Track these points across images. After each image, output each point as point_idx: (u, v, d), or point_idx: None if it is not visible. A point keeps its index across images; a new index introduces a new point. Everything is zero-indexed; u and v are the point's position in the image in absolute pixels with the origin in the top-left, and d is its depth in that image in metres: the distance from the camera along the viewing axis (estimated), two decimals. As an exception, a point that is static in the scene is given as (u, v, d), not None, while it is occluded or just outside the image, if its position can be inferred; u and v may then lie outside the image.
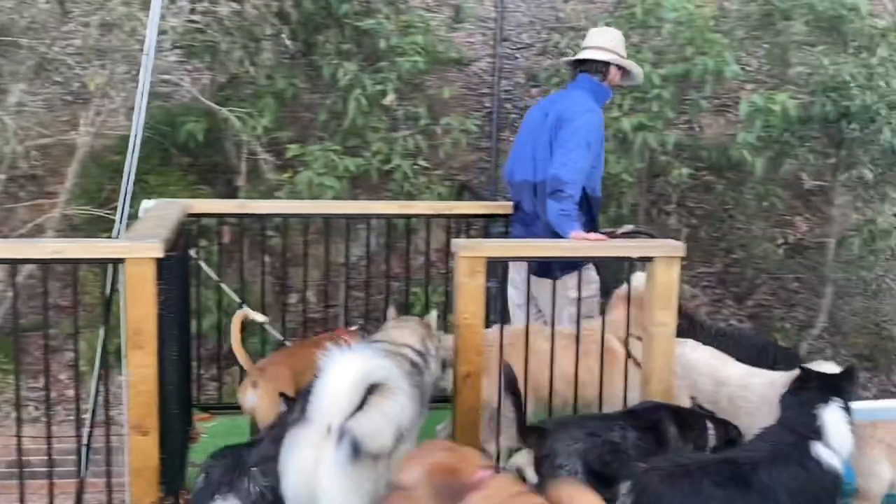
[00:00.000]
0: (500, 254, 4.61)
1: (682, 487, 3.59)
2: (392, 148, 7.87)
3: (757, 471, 3.66)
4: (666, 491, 3.57)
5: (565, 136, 5.18)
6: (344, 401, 3.38)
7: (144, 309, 4.24)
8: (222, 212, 5.93)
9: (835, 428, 3.86)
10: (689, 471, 3.68)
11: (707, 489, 3.59)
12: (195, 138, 7.88)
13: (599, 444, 4.03)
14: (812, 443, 3.82)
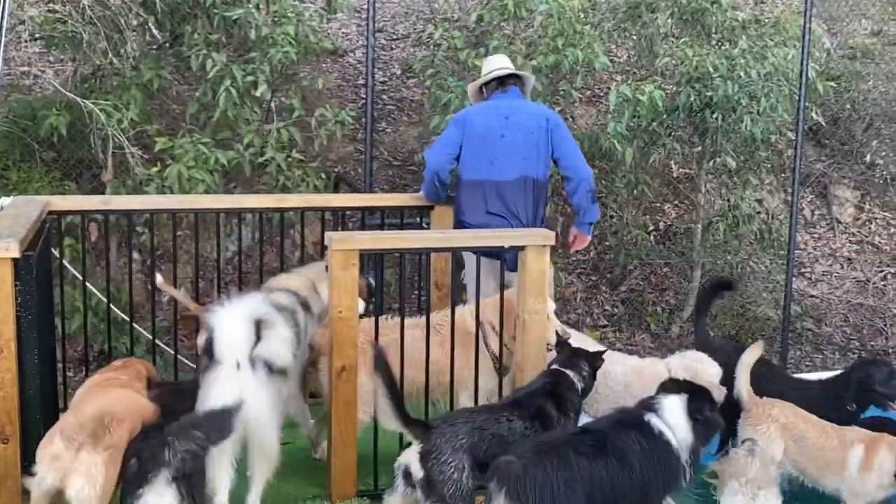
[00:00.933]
0: (373, 246, 4.59)
1: (550, 463, 3.68)
2: (265, 140, 7.73)
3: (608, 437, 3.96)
4: (533, 471, 3.64)
5: (568, 137, 5.91)
6: (242, 338, 4.16)
7: (1, 311, 4.07)
8: (86, 208, 5.70)
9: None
10: (554, 446, 3.80)
11: (573, 459, 3.79)
12: (58, 132, 7.54)
13: (487, 437, 4.09)
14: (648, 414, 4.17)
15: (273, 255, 7.71)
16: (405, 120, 10.56)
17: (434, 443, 4.02)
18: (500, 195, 5.51)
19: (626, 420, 4.13)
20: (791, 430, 4.72)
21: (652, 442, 4.04)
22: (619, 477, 3.87)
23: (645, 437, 4.03)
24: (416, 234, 5.00)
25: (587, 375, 4.39)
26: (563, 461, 3.74)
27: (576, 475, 3.72)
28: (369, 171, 7.15)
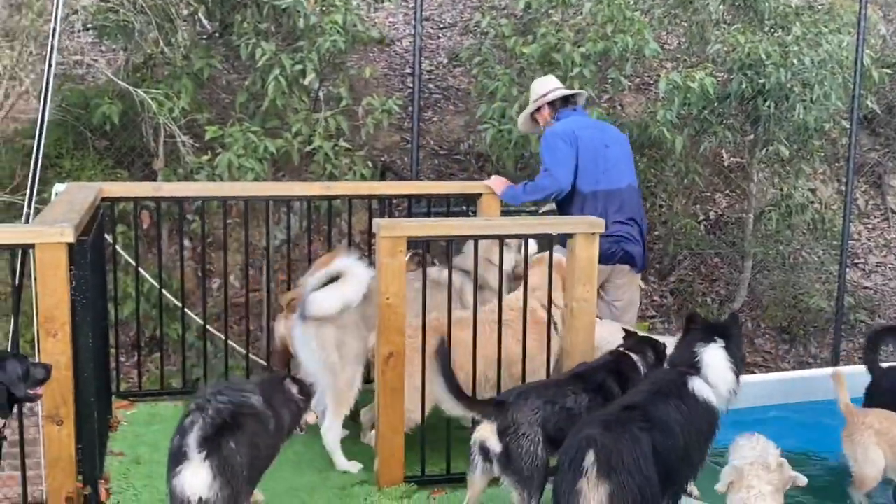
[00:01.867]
0: (421, 233, 4.59)
1: (627, 438, 3.68)
2: (313, 129, 7.76)
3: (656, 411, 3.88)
4: (619, 447, 3.64)
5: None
6: (311, 283, 4.84)
7: (56, 296, 4.12)
8: (138, 195, 5.77)
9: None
10: (620, 422, 3.78)
11: (638, 435, 3.74)
12: (111, 121, 7.65)
13: (557, 411, 4.11)
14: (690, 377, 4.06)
15: (321, 244, 7.76)
16: (451, 109, 10.55)
17: (511, 417, 4.03)
18: (619, 202, 5.74)
19: (670, 388, 4.06)
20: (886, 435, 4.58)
21: (696, 406, 4.01)
22: (672, 444, 3.86)
23: (687, 404, 4.00)
24: (463, 221, 4.99)
25: (651, 361, 4.39)
26: (634, 434, 3.73)
27: (645, 446, 3.73)
28: (416, 160, 7.16)
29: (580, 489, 3.51)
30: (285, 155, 7.64)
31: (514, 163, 8.51)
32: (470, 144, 9.85)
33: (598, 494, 3.52)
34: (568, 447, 3.71)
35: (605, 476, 3.53)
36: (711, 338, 4.16)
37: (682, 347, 4.24)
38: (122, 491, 4.63)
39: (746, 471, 3.55)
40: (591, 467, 3.53)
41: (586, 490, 3.51)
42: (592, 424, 3.74)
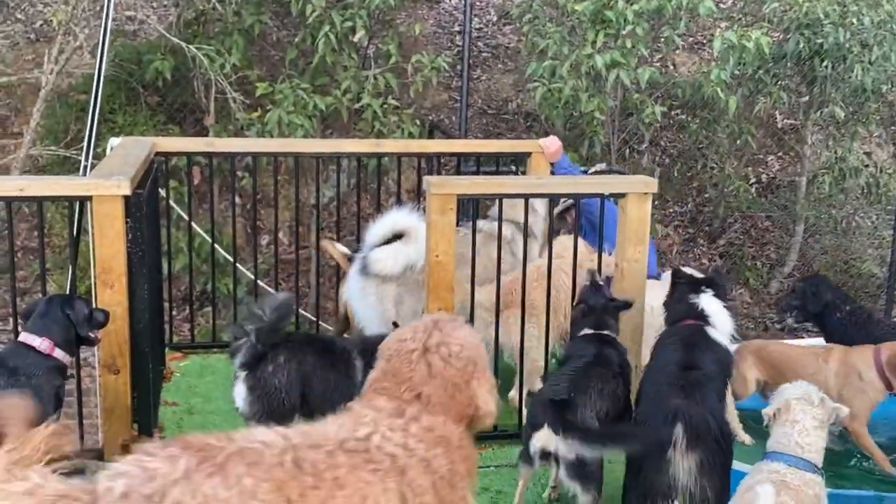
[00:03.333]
0: (471, 191, 4.58)
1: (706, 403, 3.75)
2: (362, 86, 7.77)
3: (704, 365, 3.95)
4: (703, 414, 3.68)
5: None
6: (371, 239, 4.92)
7: (113, 247, 4.19)
8: (190, 150, 5.82)
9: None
10: (694, 386, 3.81)
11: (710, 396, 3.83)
12: (163, 77, 7.72)
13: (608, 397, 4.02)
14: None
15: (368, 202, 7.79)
16: (500, 67, 10.46)
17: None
18: None
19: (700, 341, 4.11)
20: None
21: (722, 353, 4.12)
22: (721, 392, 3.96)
23: (716, 353, 4.08)
24: (513, 180, 4.97)
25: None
26: (708, 397, 3.79)
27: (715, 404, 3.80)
28: (464, 119, 7.12)
29: (670, 459, 3.55)
30: (334, 112, 7.66)
31: (563, 123, 8.43)
32: (518, 104, 9.79)
33: (688, 462, 3.57)
34: (652, 417, 3.73)
35: (694, 445, 3.58)
36: (701, 289, 4.26)
37: (677, 301, 4.29)
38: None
39: (793, 405, 3.57)
40: (682, 438, 3.57)
41: (677, 459, 3.56)
42: (673, 393, 3.75)
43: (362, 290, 4.94)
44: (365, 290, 4.92)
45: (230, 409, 5.06)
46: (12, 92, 8.94)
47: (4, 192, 4.19)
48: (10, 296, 4.51)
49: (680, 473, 3.57)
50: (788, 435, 3.52)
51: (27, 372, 3.60)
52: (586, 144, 8.20)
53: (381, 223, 4.96)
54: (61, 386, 3.74)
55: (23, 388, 3.53)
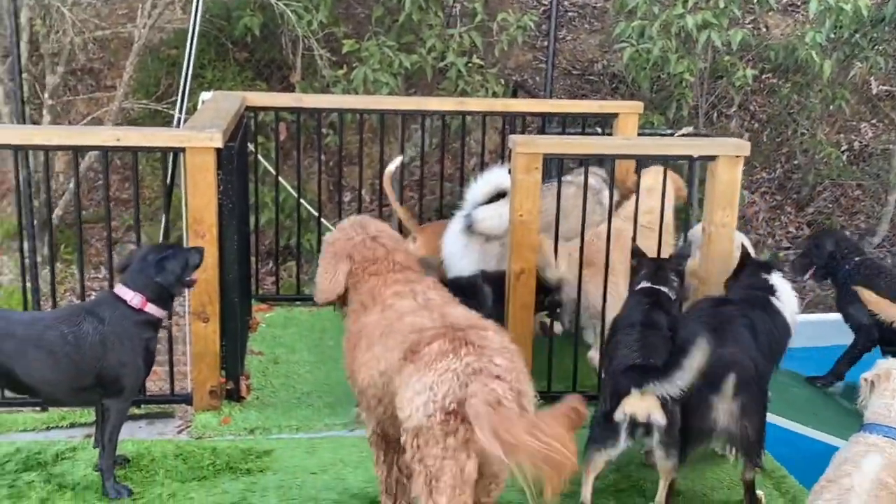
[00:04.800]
0: (557, 150, 4.54)
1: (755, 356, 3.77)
2: (447, 45, 7.74)
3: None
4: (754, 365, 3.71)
5: None
6: (475, 197, 4.88)
7: (204, 198, 4.28)
8: (279, 105, 5.90)
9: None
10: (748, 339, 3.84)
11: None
12: (251, 33, 7.81)
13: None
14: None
15: (450, 161, 7.79)
16: (586, 28, 10.31)
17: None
18: None
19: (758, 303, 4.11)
20: None
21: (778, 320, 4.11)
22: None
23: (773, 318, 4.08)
24: (600, 140, 4.91)
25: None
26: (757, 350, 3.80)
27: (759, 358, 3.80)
28: (550, 78, 7.04)
29: (713, 404, 3.59)
30: (419, 71, 7.66)
31: (650, 85, 8.30)
32: (604, 65, 9.64)
33: (732, 406, 3.60)
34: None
35: (739, 392, 3.61)
36: (771, 270, 4.28)
37: (746, 276, 4.28)
38: (261, 388, 4.85)
39: (894, 374, 3.47)
40: (730, 387, 3.59)
41: (719, 404, 3.60)
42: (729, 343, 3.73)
43: (465, 248, 4.91)
44: (468, 248, 4.90)
45: (314, 360, 5.21)
46: (105, 46, 9.16)
47: (102, 141, 4.32)
48: (107, 245, 4.66)
49: (721, 416, 3.61)
50: (889, 406, 3.42)
51: (115, 323, 3.68)
52: (673, 107, 8.06)
53: (484, 181, 4.90)
54: (152, 338, 3.81)
55: (108, 338, 3.65)
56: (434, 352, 2.84)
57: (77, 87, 9.14)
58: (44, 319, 3.72)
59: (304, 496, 3.86)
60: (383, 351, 3.10)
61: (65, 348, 3.59)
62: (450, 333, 2.90)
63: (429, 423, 2.74)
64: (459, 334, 2.89)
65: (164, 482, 3.95)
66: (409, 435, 2.82)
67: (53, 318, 3.70)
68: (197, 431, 4.37)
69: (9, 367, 3.56)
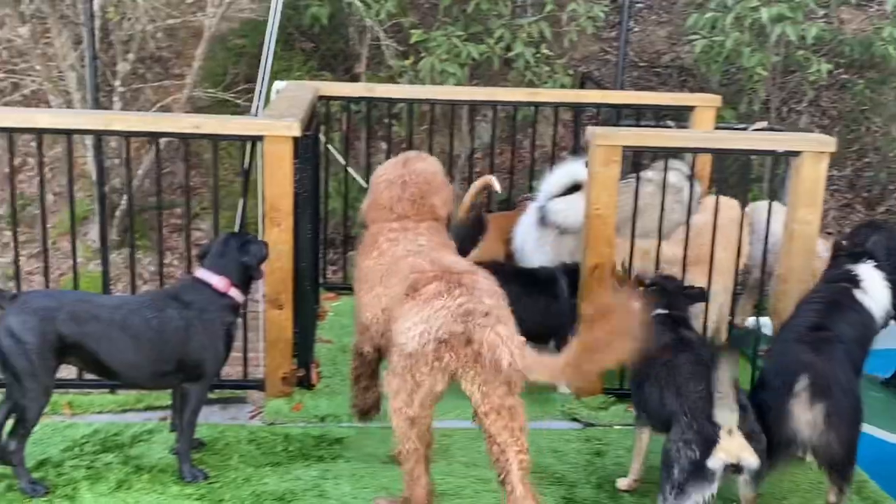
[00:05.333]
0: (637, 143, 4.47)
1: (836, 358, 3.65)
2: (514, 35, 7.68)
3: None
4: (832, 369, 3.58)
5: None
6: (550, 188, 4.86)
7: (281, 187, 4.29)
8: (351, 95, 5.89)
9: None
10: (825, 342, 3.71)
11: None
12: (319, 22, 7.83)
13: None
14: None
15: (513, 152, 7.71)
16: (654, 19, 10.19)
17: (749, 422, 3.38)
18: None
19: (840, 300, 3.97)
20: None
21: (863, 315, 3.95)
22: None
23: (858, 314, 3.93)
24: (681, 133, 4.82)
25: None
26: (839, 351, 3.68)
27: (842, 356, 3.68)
28: (621, 70, 6.94)
29: (790, 410, 3.44)
30: (486, 61, 7.61)
31: (719, 78, 8.16)
32: (672, 57, 9.51)
33: (812, 414, 3.44)
34: (780, 370, 3.60)
35: (819, 398, 3.44)
36: (862, 259, 4.10)
37: (831, 268, 4.14)
38: (331, 376, 4.86)
39: None
40: (804, 390, 3.44)
41: (797, 411, 3.45)
42: (802, 348, 3.64)
43: (538, 241, 4.88)
44: (541, 241, 4.87)
45: (383, 349, 5.20)
46: (174, 34, 9.26)
47: (182, 128, 4.35)
48: (184, 231, 4.70)
49: (802, 426, 3.44)
50: None
51: (200, 307, 3.73)
52: (745, 101, 7.91)
53: (559, 173, 4.85)
54: (232, 323, 3.86)
55: (192, 323, 3.70)
56: (431, 291, 3.28)
57: (146, 75, 9.26)
58: (128, 304, 3.76)
59: (377, 485, 3.86)
60: (385, 290, 3.54)
61: (148, 333, 3.63)
62: (446, 276, 3.32)
63: (423, 350, 3.21)
64: (454, 277, 3.31)
65: (238, 466, 3.98)
66: (403, 357, 3.28)
67: (138, 303, 3.74)
68: (269, 417, 4.40)
69: (93, 350, 3.60)
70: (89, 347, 3.59)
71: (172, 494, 3.76)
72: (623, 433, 4.38)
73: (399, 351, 3.31)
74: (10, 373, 3.54)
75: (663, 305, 3.92)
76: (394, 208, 3.80)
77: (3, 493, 3.70)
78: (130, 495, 3.74)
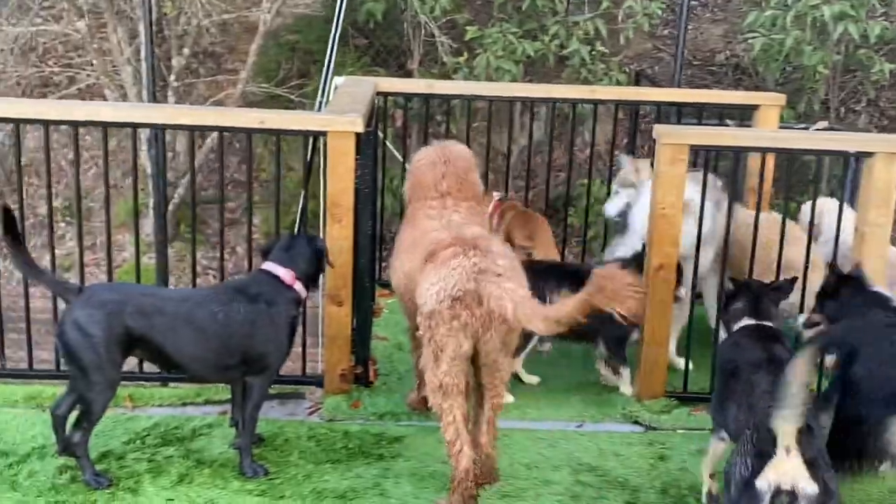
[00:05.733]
0: (705, 142, 4.39)
1: None
2: (570, 32, 7.60)
3: None
4: None
5: None
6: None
7: (343, 182, 4.28)
8: (410, 91, 5.86)
9: None
10: None
11: None
12: (374, 18, 7.81)
13: None
14: None
15: (562, 151, 7.64)
16: (708, 17, 10.04)
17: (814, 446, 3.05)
18: None
19: None
20: None
21: None
22: None
23: None
24: (750, 132, 4.73)
25: None
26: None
27: None
28: (679, 68, 6.83)
29: (889, 423, 3.32)
30: (541, 58, 7.55)
31: (776, 77, 8.02)
32: (727, 55, 9.36)
33: None
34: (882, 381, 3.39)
35: None
36: None
37: None
38: (387, 373, 4.84)
39: None
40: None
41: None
42: None
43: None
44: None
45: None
46: (227, 30, 9.30)
47: (246, 123, 4.35)
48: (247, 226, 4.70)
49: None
50: None
51: (268, 299, 3.73)
52: (804, 100, 7.76)
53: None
54: (296, 317, 3.87)
55: (258, 316, 3.69)
56: (448, 254, 3.50)
57: (198, 70, 9.31)
58: (194, 297, 3.77)
59: (438, 486, 3.82)
60: (410, 257, 3.78)
61: (213, 326, 3.63)
62: (461, 242, 3.54)
63: (440, 307, 3.41)
64: (469, 242, 3.54)
65: (298, 463, 3.98)
66: (423, 318, 3.49)
67: (203, 296, 3.75)
68: (328, 414, 4.39)
69: (159, 344, 3.61)
70: (156, 341, 3.60)
71: (233, 490, 3.76)
72: (686, 437, 4.32)
73: (420, 314, 3.51)
74: (76, 366, 3.56)
75: (750, 312, 3.70)
76: (437, 186, 4.01)
77: (66, 485, 3.73)
78: (192, 489, 3.75)
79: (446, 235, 3.66)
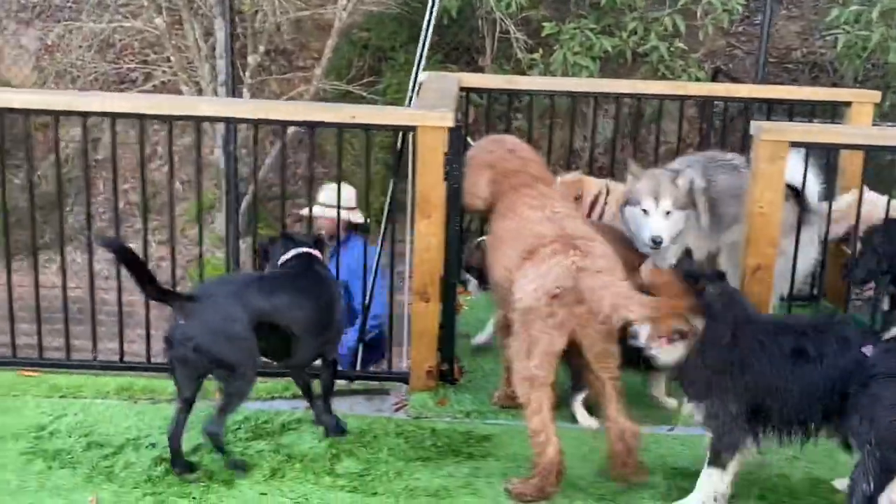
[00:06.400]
0: (805, 139, 4.27)
1: None
2: (649, 28, 7.49)
3: None
4: None
5: None
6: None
7: (433, 178, 4.24)
8: (491, 87, 5.82)
9: None
10: None
11: None
12: (448, 15, 7.78)
13: None
14: None
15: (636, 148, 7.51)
16: (784, 14, 9.85)
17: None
18: None
19: None
20: None
21: None
22: None
23: None
24: (853, 129, 4.59)
25: None
26: None
27: None
28: (762, 64, 6.69)
29: None
30: (619, 54, 7.45)
31: (856, 74, 7.82)
32: (804, 52, 9.17)
33: None
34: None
35: None
36: None
37: None
38: (472, 371, 4.79)
39: None
40: None
41: None
42: None
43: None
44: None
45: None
46: (299, 28, 9.35)
47: (337, 118, 4.34)
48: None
49: None
50: None
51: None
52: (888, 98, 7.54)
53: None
54: None
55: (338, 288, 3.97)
56: (548, 252, 3.53)
57: (271, 68, 9.38)
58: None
59: (530, 486, 3.76)
60: (510, 251, 3.75)
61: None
62: (562, 240, 3.54)
63: (537, 304, 3.45)
64: (570, 241, 3.54)
65: (387, 460, 3.94)
66: (519, 313, 3.53)
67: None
68: (414, 411, 4.35)
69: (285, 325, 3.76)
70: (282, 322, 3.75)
71: (325, 485, 3.74)
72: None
73: (516, 308, 3.54)
74: (223, 369, 3.62)
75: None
76: (529, 172, 3.98)
77: (162, 477, 3.74)
78: (285, 483, 3.74)
79: (549, 230, 3.65)
